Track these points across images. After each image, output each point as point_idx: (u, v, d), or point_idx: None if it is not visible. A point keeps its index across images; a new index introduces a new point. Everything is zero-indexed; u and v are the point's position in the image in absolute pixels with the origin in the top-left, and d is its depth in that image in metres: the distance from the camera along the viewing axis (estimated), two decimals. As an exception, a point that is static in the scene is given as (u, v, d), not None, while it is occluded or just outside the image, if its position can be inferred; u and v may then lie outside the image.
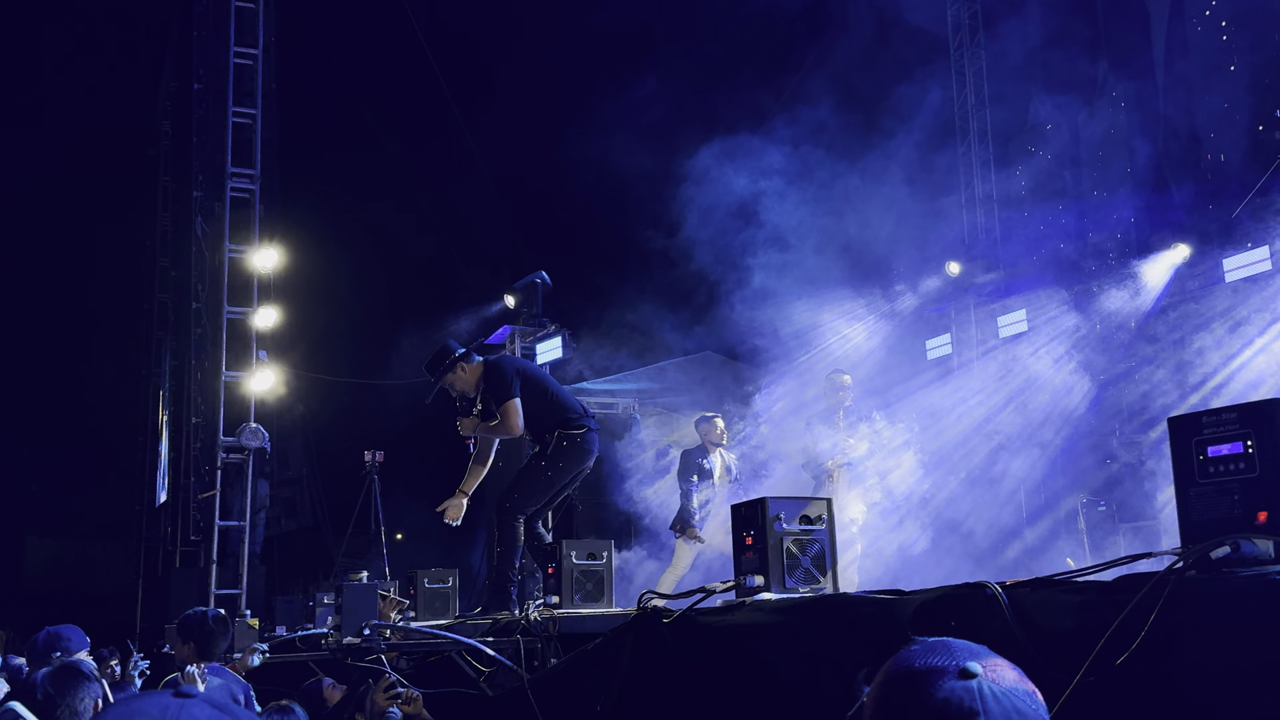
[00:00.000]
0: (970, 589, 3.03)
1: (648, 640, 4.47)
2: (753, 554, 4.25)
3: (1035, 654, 2.77)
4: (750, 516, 4.31)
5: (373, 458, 11.91)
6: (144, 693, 1.34)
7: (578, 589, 5.66)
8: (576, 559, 5.70)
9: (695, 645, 4.17)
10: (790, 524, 4.21)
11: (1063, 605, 2.82)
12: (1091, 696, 2.66)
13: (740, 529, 4.36)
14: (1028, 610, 2.86)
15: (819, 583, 4.17)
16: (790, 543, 4.18)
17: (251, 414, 13.71)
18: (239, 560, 13.58)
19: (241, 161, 14.38)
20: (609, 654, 4.70)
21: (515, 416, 6.69)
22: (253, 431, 13.54)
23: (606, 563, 5.76)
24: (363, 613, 5.93)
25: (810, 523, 4.23)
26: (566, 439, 6.72)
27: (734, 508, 4.47)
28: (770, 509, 4.20)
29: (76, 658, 4.74)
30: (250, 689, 5.79)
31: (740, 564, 4.32)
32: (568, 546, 5.73)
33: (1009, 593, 2.91)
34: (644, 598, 4.67)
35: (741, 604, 4.11)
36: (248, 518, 13.79)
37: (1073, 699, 2.67)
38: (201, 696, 1.29)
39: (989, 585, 2.96)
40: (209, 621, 5.61)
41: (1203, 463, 2.76)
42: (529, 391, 6.81)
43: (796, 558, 4.17)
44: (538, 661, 5.42)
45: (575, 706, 4.83)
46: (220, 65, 15.06)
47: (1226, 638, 2.53)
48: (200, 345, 17.27)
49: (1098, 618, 2.69)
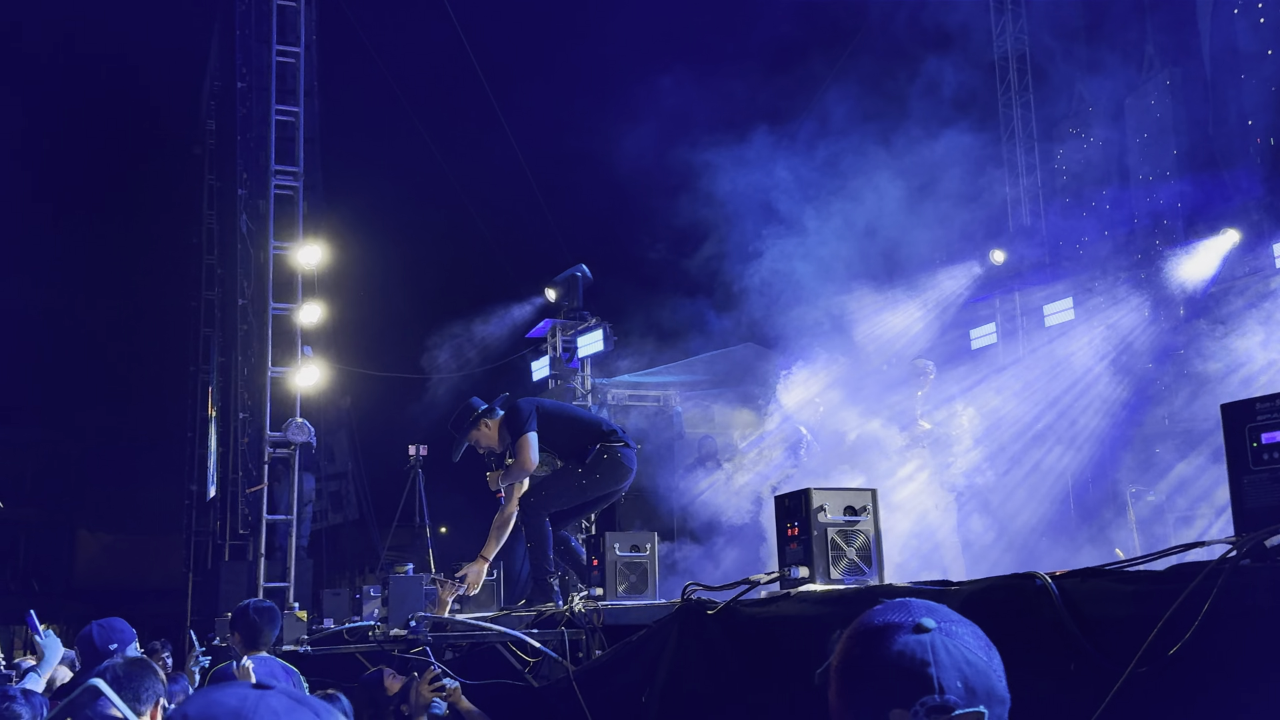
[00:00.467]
0: (1019, 579, 3.00)
1: (692, 631, 4.46)
2: (797, 545, 4.23)
3: (1086, 644, 2.73)
4: (794, 507, 4.28)
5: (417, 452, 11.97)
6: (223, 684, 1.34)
7: (621, 580, 5.66)
8: (620, 551, 5.70)
9: (740, 636, 4.16)
10: (835, 515, 4.18)
11: (1114, 595, 2.78)
12: (1144, 687, 2.62)
13: (784, 520, 4.34)
14: (1078, 601, 2.83)
15: (864, 574, 4.14)
16: (835, 534, 4.16)
17: (297, 409, 13.84)
18: (286, 553, 13.73)
19: (285, 159, 14.51)
20: (653, 645, 4.70)
21: (527, 451, 6.76)
22: (299, 426, 13.67)
23: (650, 554, 5.76)
24: (409, 605, 5.98)
25: (855, 514, 4.21)
26: (607, 451, 6.76)
27: (778, 499, 4.45)
28: (814, 500, 4.18)
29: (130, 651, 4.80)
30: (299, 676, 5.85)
31: (785, 555, 4.30)
32: (611, 538, 5.74)
33: (1059, 583, 2.87)
34: (688, 589, 4.66)
35: (786, 595, 4.09)
36: (295, 511, 13.93)
37: (1125, 690, 2.63)
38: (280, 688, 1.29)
39: (1038, 575, 2.92)
40: (251, 612, 5.69)
41: (1256, 449, 2.71)
42: (555, 423, 6.90)
43: (842, 549, 4.15)
44: (582, 653, 5.43)
45: (620, 697, 4.84)
46: (263, 64, 15.20)
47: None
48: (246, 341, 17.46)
49: (1150, 608, 2.65)
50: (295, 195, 14.43)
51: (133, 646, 5.12)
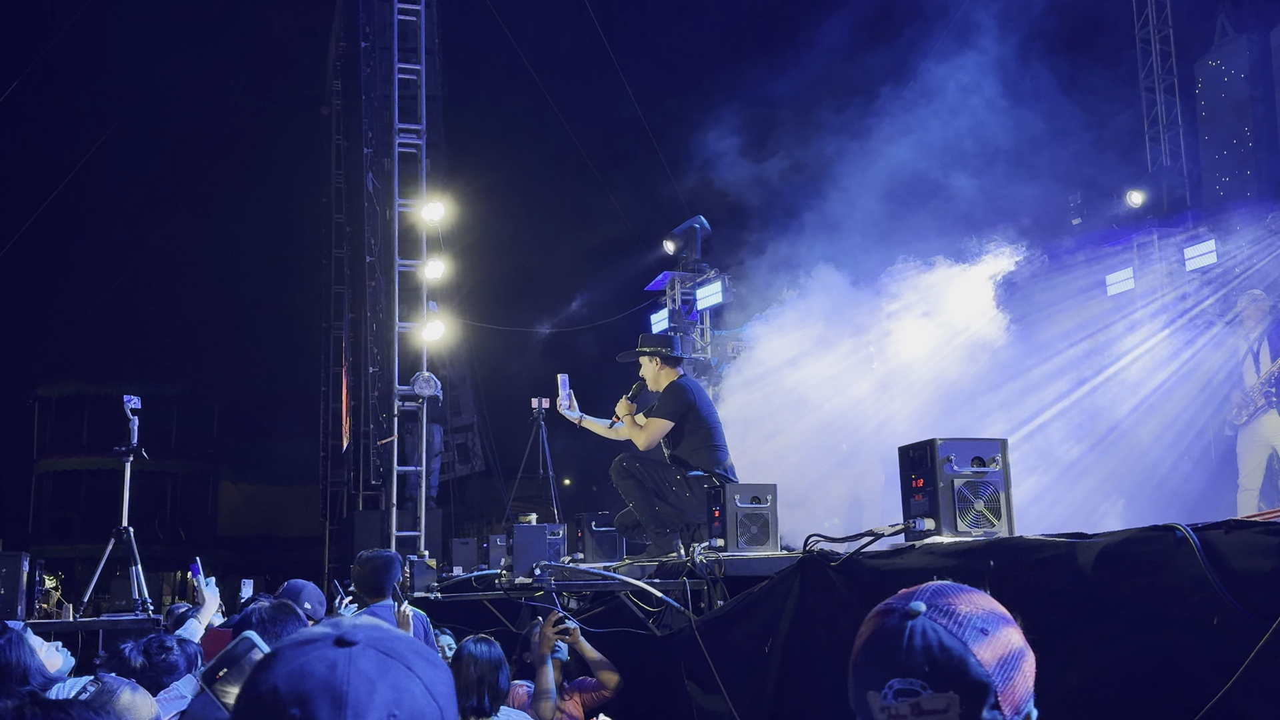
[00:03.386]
0: (1159, 531, 2.87)
1: (814, 583, 4.43)
2: (922, 497, 4.14)
3: (1230, 598, 2.61)
4: (919, 459, 4.20)
5: (539, 405, 12.12)
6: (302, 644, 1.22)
7: (742, 531, 5.65)
8: (741, 502, 5.68)
9: (862, 589, 4.11)
10: (962, 466, 4.08)
11: (1260, 548, 2.64)
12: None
13: (909, 471, 4.26)
14: (1221, 554, 2.70)
15: (993, 526, 4.04)
16: (962, 485, 4.06)
17: (424, 363, 14.14)
18: (416, 504, 14.09)
19: (408, 117, 14.72)
20: (776, 596, 4.68)
21: (653, 435, 6.79)
22: (426, 380, 13.97)
23: (771, 506, 5.73)
24: (534, 553, 6.08)
25: (983, 465, 4.10)
26: (691, 490, 6.67)
27: (902, 450, 4.36)
28: (940, 451, 4.09)
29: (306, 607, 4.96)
30: (427, 620, 6.01)
31: (910, 507, 4.23)
32: (731, 490, 5.72)
33: (1201, 535, 2.75)
34: (810, 540, 4.62)
35: (911, 548, 4.02)
36: (424, 463, 14.27)
37: (1270, 646, 2.51)
38: (365, 641, 1.21)
39: (1179, 527, 2.80)
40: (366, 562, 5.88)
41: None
42: (696, 426, 6.82)
43: (969, 500, 4.05)
44: (704, 603, 5.45)
45: (743, 648, 4.84)
46: (385, 23, 15.42)
47: None
48: (375, 298, 17.89)
49: (1300, 562, 2.52)
50: (418, 153, 14.65)
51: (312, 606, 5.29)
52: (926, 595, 1.51)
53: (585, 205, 20.72)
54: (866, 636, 1.52)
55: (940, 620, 1.46)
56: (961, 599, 1.51)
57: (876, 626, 1.51)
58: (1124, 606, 2.90)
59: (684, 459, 6.83)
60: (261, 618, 3.90)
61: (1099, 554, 3.01)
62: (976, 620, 1.47)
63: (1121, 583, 2.92)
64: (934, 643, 1.44)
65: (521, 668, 6.20)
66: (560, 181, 21.58)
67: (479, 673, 4.83)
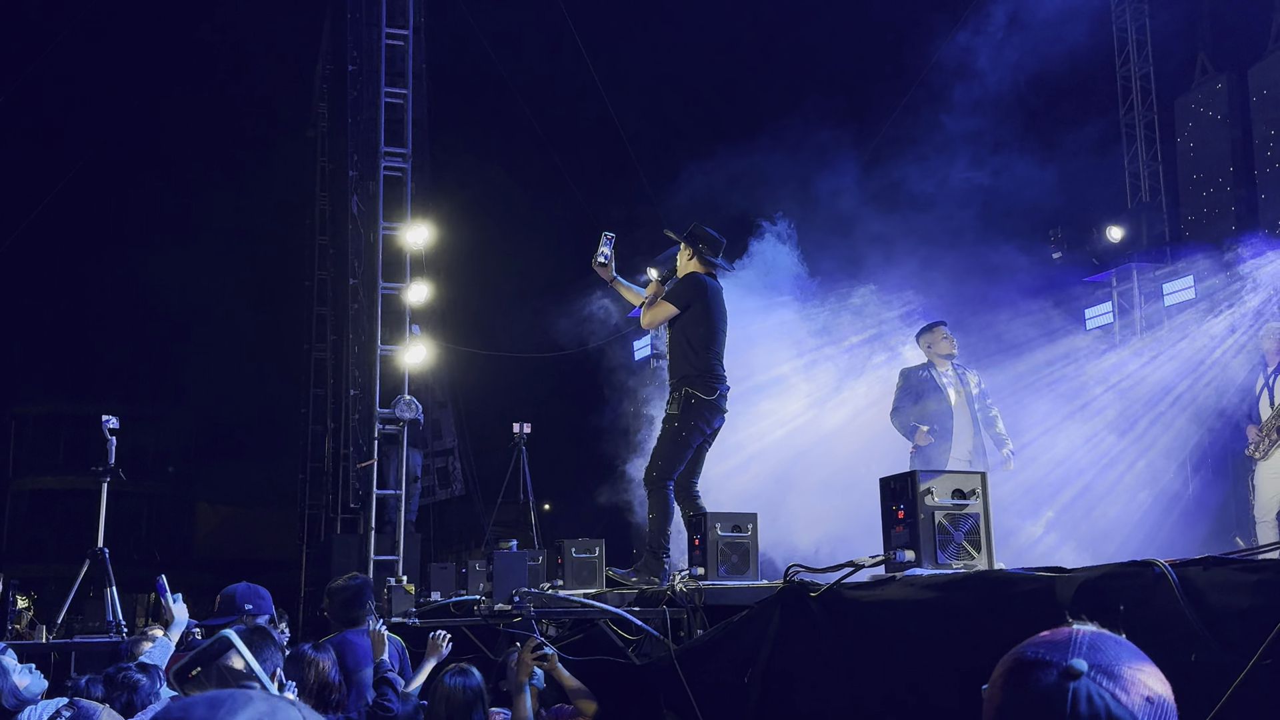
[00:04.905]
0: (1137, 567, 2.89)
1: (794, 613, 4.43)
2: (903, 528, 4.16)
3: (1207, 635, 2.63)
4: (900, 490, 4.21)
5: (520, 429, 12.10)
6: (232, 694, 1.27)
7: (723, 561, 5.65)
8: (722, 530, 5.68)
9: (843, 619, 4.11)
10: (942, 498, 4.10)
11: (1238, 585, 2.66)
12: (1268, 680, 2.51)
13: (890, 502, 4.27)
14: (1199, 589, 2.72)
15: (973, 559, 4.06)
16: (943, 517, 4.07)
17: (405, 386, 14.10)
18: (395, 528, 14.01)
19: (394, 141, 14.75)
20: (756, 626, 4.68)
21: (655, 317, 6.96)
22: (407, 403, 13.93)
23: (752, 535, 5.73)
24: (512, 580, 6.06)
25: (964, 496, 4.12)
26: (695, 399, 6.72)
27: (883, 480, 4.38)
28: (921, 481, 4.10)
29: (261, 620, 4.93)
30: (403, 647, 5.97)
31: (890, 538, 4.24)
32: (713, 519, 5.72)
33: (1179, 571, 2.77)
34: (790, 570, 4.62)
35: (891, 579, 4.03)
36: (403, 487, 14.20)
37: (1247, 683, 2.53)
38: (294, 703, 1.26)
39: (1156, 563, 2.82)
40: (337, 592, 5.83)
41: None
42: (697, 322, 6.83)
43: (949, 533, 4.06)
44: (684, 632, 5.44)
45: (722, 677, 4.82)
46: (373, 46, 15.46)
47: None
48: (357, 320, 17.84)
49: (1276, 598, 2.53)
50: (404, 176, 14.67)
51: (266, 618, 5.27)
52: (1084, 650, 1.34)
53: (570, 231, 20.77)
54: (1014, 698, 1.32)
55: (1105, 685, 1.30)
56: (1123, 656, 1.35)
57: (1028, 684, 1.32)
58: (1102, 641, 2.91)
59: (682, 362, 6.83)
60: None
61: (1078, 589, 3.02)
62: (1141, 686, 1.31)
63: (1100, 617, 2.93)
64: (1100, 711, 1.28)
65: (498, 695, 6.16)
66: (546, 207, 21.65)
67: (449, 711, 4.80)
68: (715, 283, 7.05)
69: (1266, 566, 2.71)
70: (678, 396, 6.79)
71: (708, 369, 6.80)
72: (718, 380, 6.83)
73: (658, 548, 6.71)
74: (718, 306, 6.97)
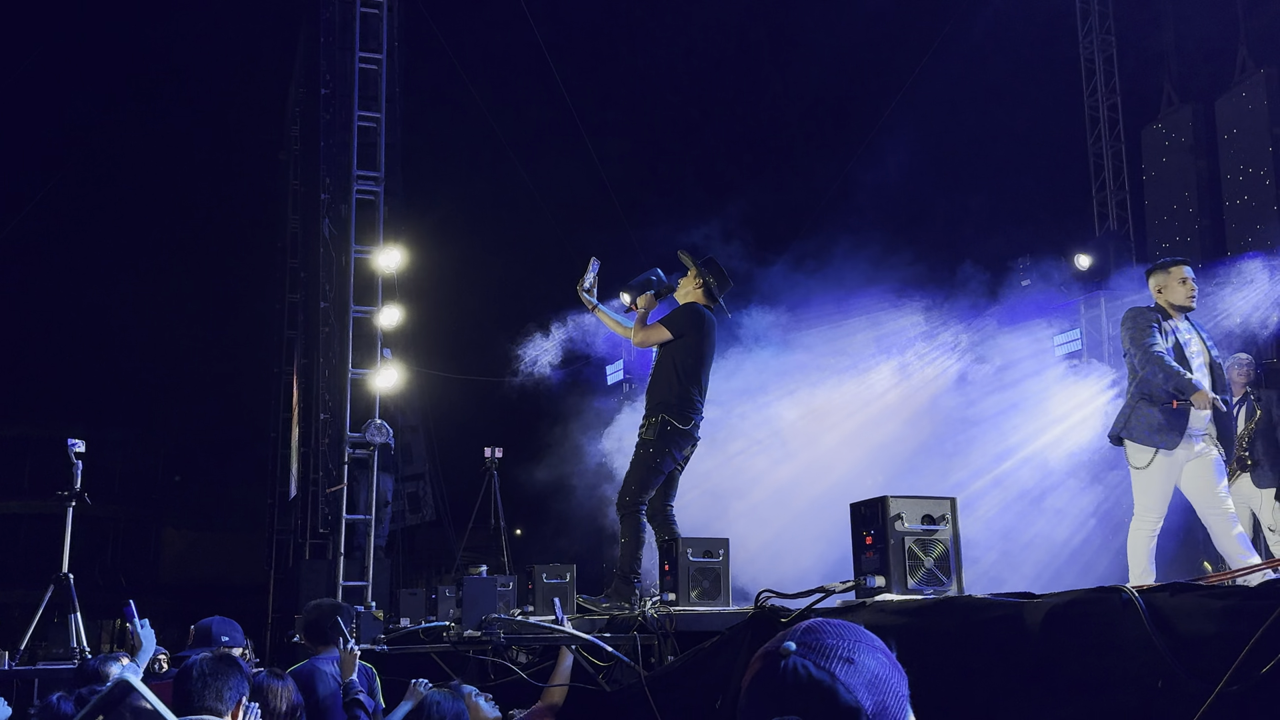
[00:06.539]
0: (1104, 593, 2.91)
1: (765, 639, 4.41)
2: (873, 554, 4.17)
3: (1174, 661, 2.65)
4: (870, 516, 4.22)
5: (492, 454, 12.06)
6: None
7: (694, 586, 5.63)
8: (693, 556, 5.67)
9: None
10: (912, 523, 4.11)
11: (1204, 611, 2.68)
12: (1233, 706, 2.52)
13: (860, 527, 4.28)
14: (1166, 616, 2.74)
15: (943, 584, 4.07)
16: (913, 543, 4.09)
17: (376, 410, 14.01)
18: (365, 553, 13.88)
19: (366, 164, 14.71)
20: (726, 653, 4.67)
21: (649, 338, 7.08)
22: (377, 428, 13.83)
23: (723, 561, 5.72)
24: (482, 606, 6.02)
25: (934, 522, 4.13)
26: (671, 426, 6.78)
27: (853, 506, 4.39)
28: (891, 508, 4.11)
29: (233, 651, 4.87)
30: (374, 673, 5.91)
31: (860, 564, 4.24)
32: (685, 544, 5.71)
33: (1145, 597, 2.78)
34: (761, 596, 4.62)
35: (862, 605, 4.03)
36: (373, 511, 14.09)
37: (1214, 709, 2.54)
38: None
39: (1124, 589, 2.83)
40: (312, 610, 5.79)
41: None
42: (688, 351, 6.92)
43: (920, 558, 4.07)
44: (654, 658, 5.41)
45: (693, 704, 4.81)
46: (346, 70, 15.43)
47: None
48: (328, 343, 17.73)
49: (1241, 624, 2.55)
50: (376, 200, 14.62)
51: (239, 650, 5.21)
52: (797, 634, 1.61)
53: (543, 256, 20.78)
54: (749, 682, 1.60)
55: (810, 656, 1.55)
56: (830, 632, 1.60)
57: (758, 669, 1.59)
58: (1070, 667, 2.93)
59: (664, 387, 6.89)
60: (203, 670, 3.80)
61: (1046, 614, 3.04)
62: (842, 650, 1.57)
63: (1068, 643, 2.94)
64: (804, 677, 1.52)
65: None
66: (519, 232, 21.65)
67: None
68: (712, 316, 7.17)
69: (1232, 593, 2.73)
70: (653, 421, 6.83)
71: (687, 398, 6.86)
72: (694, 411, 6.90)
73: (629, 572, 6.70)
74: (710, 341, 7.08)
